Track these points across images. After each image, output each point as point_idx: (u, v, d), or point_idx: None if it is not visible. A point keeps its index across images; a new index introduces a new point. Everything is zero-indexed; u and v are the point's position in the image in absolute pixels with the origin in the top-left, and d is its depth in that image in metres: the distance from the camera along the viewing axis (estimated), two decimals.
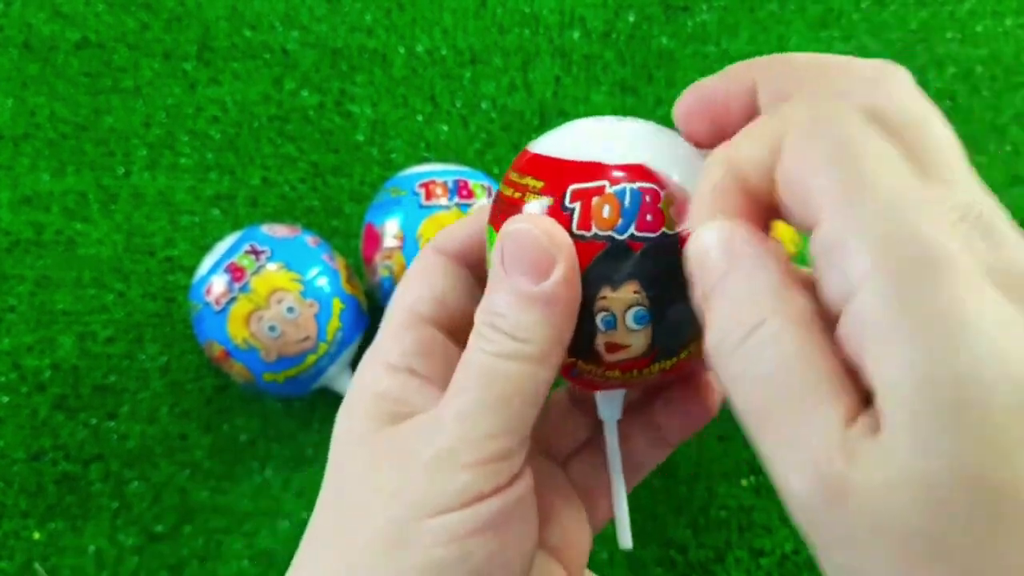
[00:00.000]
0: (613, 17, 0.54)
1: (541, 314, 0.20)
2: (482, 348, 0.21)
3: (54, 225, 0.49)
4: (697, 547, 0.44)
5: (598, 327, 0.21)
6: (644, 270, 0.20)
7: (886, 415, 0.14)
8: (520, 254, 0.20)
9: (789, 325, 0.16)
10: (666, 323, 0.21)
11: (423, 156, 0.51)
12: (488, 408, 0.20)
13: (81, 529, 0.44)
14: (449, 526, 0.19)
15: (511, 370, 0.20)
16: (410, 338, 0.23)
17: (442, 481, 0.20)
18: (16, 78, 0.52)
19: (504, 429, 0.20)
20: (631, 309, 0.21)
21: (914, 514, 0.14)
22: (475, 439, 0.20)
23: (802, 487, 0.15)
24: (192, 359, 0.47)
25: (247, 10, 0.54)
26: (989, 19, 0.54)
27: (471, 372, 0.21)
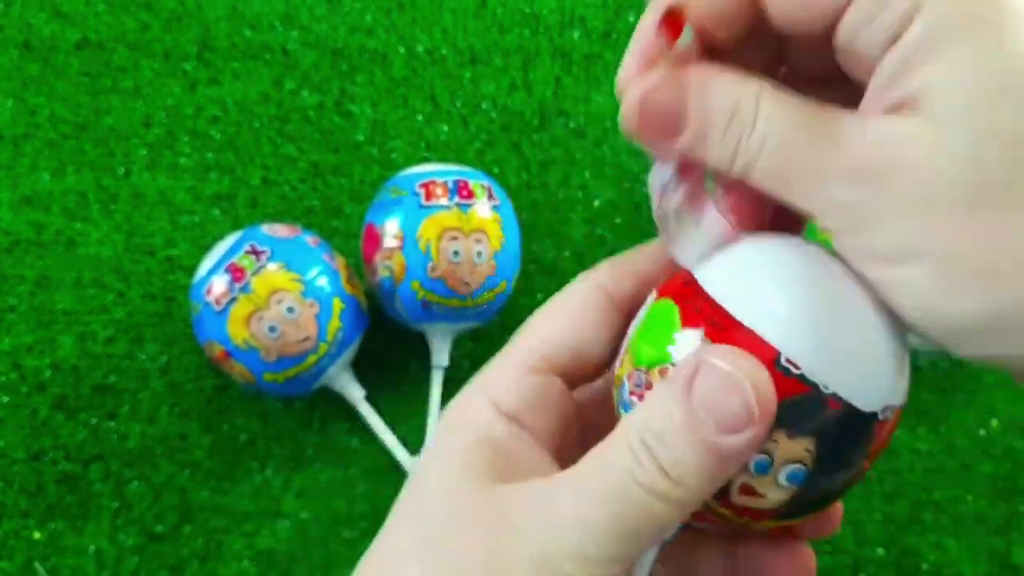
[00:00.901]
0: (613, 17, 0.54)
1: (710, 466, 0.18)
2: (628, 467, 0.18)
3: (54, 225, 0.49)
4: None
5: (748, 468, 0.19)
6: (828, 433, 0.18)
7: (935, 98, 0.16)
8: (716, 397, 0.17)
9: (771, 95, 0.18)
10: (813, 492, 0.19)
11: (423, 156, 0.51)
12: (612, 532, 0.18)
13: (81, 529, 0.44)
14: None
15: (652, 507, 0.18)
16: (530, 385, 0.21)
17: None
18: (16, 78, 0.52)
19: (620, 557, 0.18)
20: (791, 464, 0.19)
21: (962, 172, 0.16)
22: (591, 558, 0.18)
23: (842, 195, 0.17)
24: (192, 359, 0.47)
25: (247, 10, 0.54)
26: None
27: (605, 484, 0.18)
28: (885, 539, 0.43)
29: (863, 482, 0.44)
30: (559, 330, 0.22)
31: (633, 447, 0.18)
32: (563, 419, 0.22)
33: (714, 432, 0.17)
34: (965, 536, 0.43)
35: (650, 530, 0.18)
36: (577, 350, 0.22)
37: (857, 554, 0.43)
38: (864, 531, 0.43)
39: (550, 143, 0.51)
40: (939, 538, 0.43)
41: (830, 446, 0.18)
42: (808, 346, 0.18)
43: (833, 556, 0.43)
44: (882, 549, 0.43)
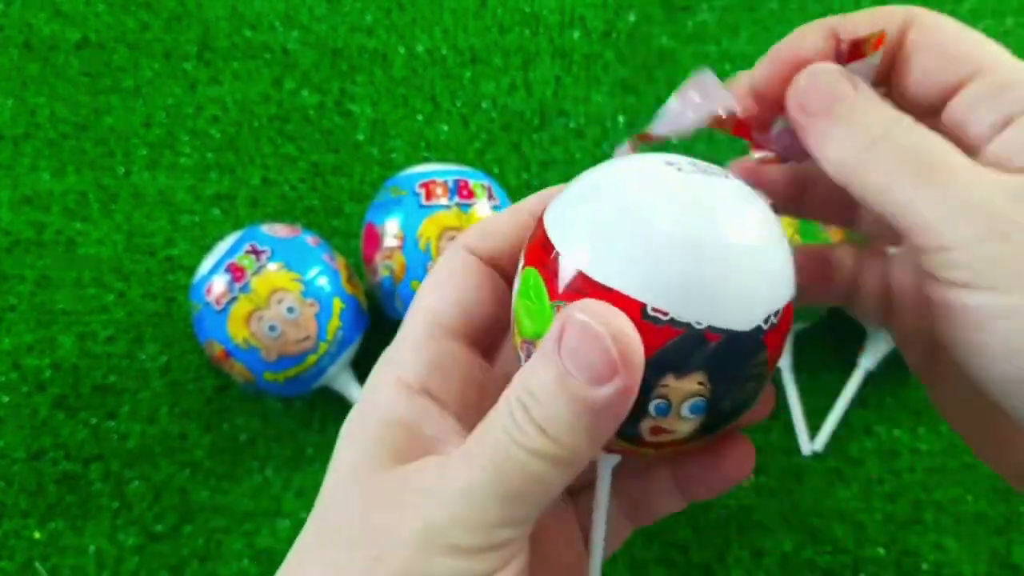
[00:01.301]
0: (613, 17, 0.54)
1: (583, 420, 0.18)
2: (507, 428, 0.18)
3: (54, 225, 0.49)
4: (698, 547, 0.44)
5: (649, 412, 0.19)
6: (716, 363, 0.19)
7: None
8: (581, 351, 0.18)
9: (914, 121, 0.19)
10: (719, 412, 0.20)
11: (423, 156, 0.51)
12: (496, 496, 0.18)
13: (81, 529, 0.44)
14: None
15: (531, 467, 0.18)
16: (430, 352, 0.21)
17: (431, 562, 0.18)
18: (16, 78, 0.52)
19: (514, 520, 0.18)
20: (689, 400, 0.19)
21: None
22: (475, 524, 0.18)
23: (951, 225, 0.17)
24: (192, 359, 0.47)
25: (247, 10, 0.54)
26: (990, 19, 0.54)
27: (486, 451, 0.18)
28: (885, 539, 0.43)
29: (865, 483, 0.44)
30: (443, 297, 0.22)
31: (511, 409, 0.18)
32: (472, 384, 0.22)
33: (584, 386, 0.18)
34: (965, 536, 0.43)
35: (534, 490, 0.18)
36: (465, 311, 0.22)
37: (857, 554, 0.43)
38: (864, 531, 0.43)
39: (550, 143, 0.51)
40: (939, 538, 0.43)
41: (722, 372, 0.19)
42: (669, 291, 0.18)
43: (833, 556, 0.43)
44: (882, 549, 0.43)
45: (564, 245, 0.20)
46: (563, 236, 0.20)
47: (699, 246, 0.18)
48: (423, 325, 0.22)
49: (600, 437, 0.18)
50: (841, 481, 0.44)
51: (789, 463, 0.45)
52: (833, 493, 0.44)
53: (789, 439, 0.45)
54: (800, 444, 0.44)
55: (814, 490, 0.44)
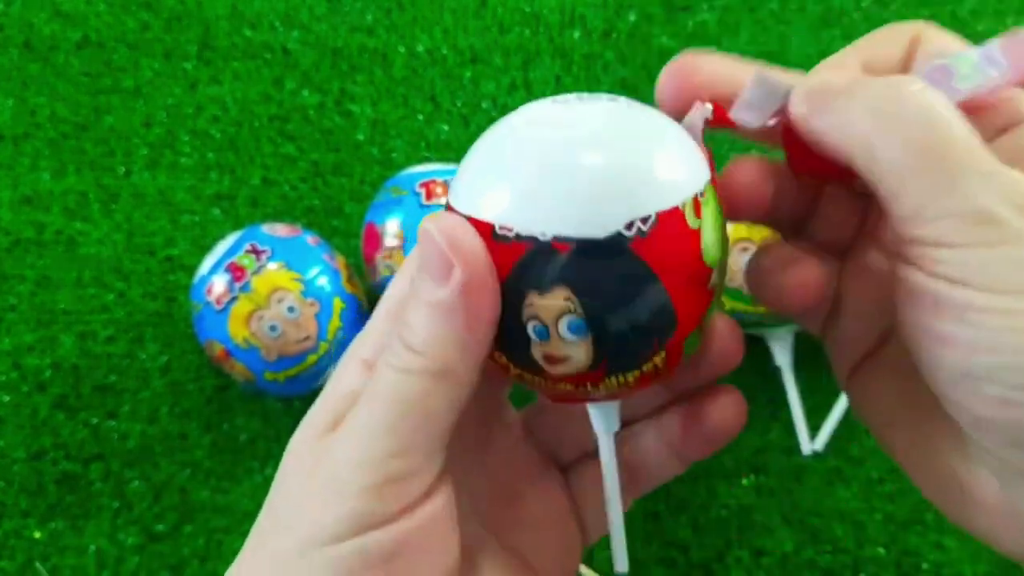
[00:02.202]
0: (614, 16, 0.54)
1: (441, 325, 0.18)
2: (387, 360, 0.19)
3: (54, 225, 0.49)
4: (698, 546, 0.44)
5: (531, 337, 0.19)
6: (574, 274, 0.18)
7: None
8: (426, 258, 0.18)
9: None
10: (609, 334, 0.19)
11: (424, 156, 0.51)
12: (382, 427, 0.18)
13: (82, 528, 0.44)
14: (339, 559, 0.18)
15: (408, 386, 0.18)
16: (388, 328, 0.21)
17: (334, 507, 0.18)
18: (16, 78, 0.52)
19: (403, 448, 0.18)
20: (563, 318, 0.18)
21: None
22: (367, 460, 0.18)
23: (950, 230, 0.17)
24: (192, 359, 0.47)
25: (247, 9, 0.54)
26: (990, 19, 0.54)
27: (373, 387, 0.19)
28: (885, 539, 0.43)
29: (865, 483, 0.43)
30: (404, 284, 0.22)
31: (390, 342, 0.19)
32: None
33: (430, 289, 0.18)
34: (966, 536, 0.43)
35: (423, 411, 0.18)
36: None
37: (857, 554, 0.43)
38: (864, 531, 0.43)
39: None
40: (939, 538, 0.43)
41: (586, 285, 0.18)
42: (514, 208, 0.18)
43: (833, 556, 0.43)
44: (882, 549, 0.43)
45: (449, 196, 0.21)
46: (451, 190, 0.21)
47: (543, 161, 0.18)
48: (384, 309, 0.22)
49: (467, 344, 0.18)
50: (841, 481, 0.44)
51: (789, 463, 0.45)
52: (833, 493, 0.44)
53: (789, 438, 0.45)
54: (800, 443, 0.44)
55: (814, 490, 0.44)
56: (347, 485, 0.18)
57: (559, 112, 0.20)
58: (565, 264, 0.18)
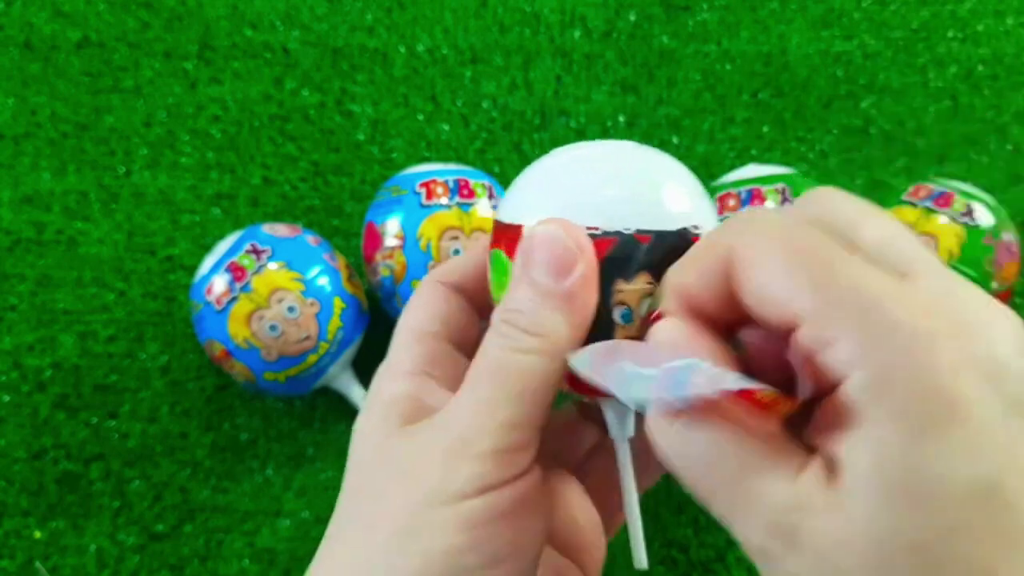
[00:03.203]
0: (614, 16, 0.54)
1: (560, 310, 0.21)
2: (498, 343, 0.21)
3: (55, 224, 0.49)
4: (698, 546, 0.44)
5: (616, 322, 0.22)
6: (655, 261, 0.21)
7: (849, 477, 0.16)
8: (543, 253, 0.21)
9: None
10: None
11: (424, 155, 0.51)
12: (504, 399, 0.20)
13: (82, 528, 0.44)
14: (463, 514, 0.20)
15: (527, 363, 0.21)
16: (421, 349, 0.24)
17: (457, 469, 0.20)
18: (17, 77, 0.52)
19: (519, 421, 0.20)
20: (644, 300, 0.22)
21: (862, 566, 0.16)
22: (491, 429, 0.20)
23: (760, 540, 0.17)
24: (193, 358, 0.47)
25: (248, 9, 0.54)
26: (990, 18, 0.54)
27: (486, 366, 0.21)
28: None
29: None
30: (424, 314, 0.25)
31: (499, 329, 0.21)
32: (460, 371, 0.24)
33: (550, 281, 0.21)
34: None
35: (532, 385, 0.21)
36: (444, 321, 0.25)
37: None
38: None
39: (551, 143, 0.51)
40: None
41: (663, 269, 0.21)
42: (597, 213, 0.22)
43: None
44: None
45: (511, 217, 0.23)
46: (510, 212, 0.24)
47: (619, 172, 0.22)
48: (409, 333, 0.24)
49: (578, 326, 0.21)
50: None
51: None
52: None
53: None
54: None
55: None
56: (471, 449, 0.20)
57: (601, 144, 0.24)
58: (647, 252, 0.21)
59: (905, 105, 0.52)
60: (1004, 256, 0.42)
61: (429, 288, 0.25)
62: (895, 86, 0.53)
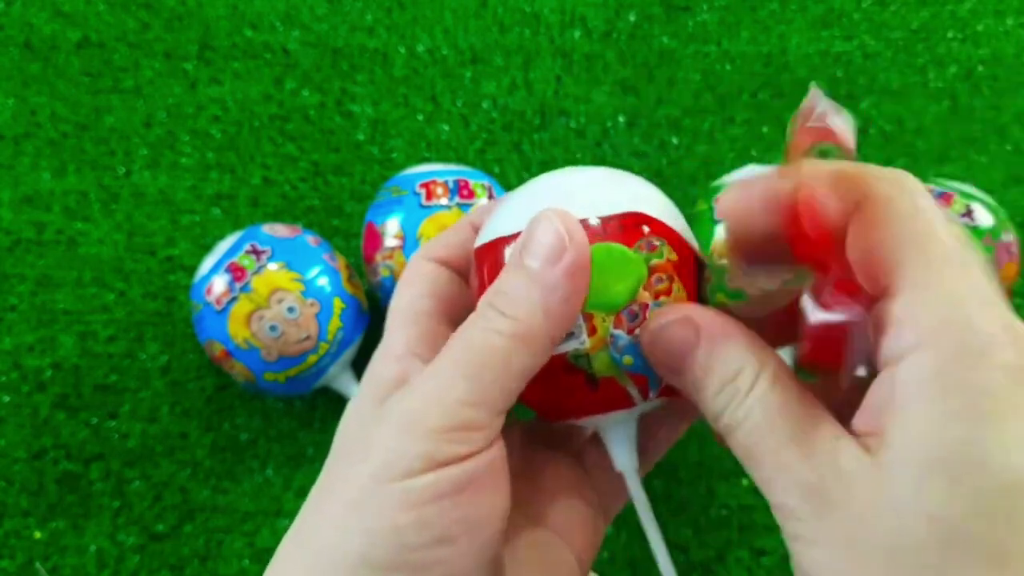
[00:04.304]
0: (614, 16, 0.54)
1: (538, 295, 0.21)
2: (473, 323, 0.21)
3: (55, 224, 0.49)
4: (698, 546, 0.44)
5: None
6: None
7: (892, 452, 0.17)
8: (536, 238, 0.21)
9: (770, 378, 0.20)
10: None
11: (424, 156, 0.51)
12: (462, 376, 0.20)
13: (82, 528, 0.44)
14: (410, 491, 0.19)
15: (493, 343, 0.20)
16: (413, 329, 0.24)
17: (407, 444, 0.20)
18: (17, 77, 0.52)
19: (474, 400, 0.20)
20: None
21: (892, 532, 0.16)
22: (444, 404, 0.20)
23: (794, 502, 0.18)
24: (193, 358, 0.47)
25: (248, 9, 0.54)
26: (990, 18, 0.54)
27: (456, 343, 0.21)
28: None
29: None
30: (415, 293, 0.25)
31: (480, 310, 0.21)
32: None
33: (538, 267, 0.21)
34: None
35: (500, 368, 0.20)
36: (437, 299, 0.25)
37: None
38: None
39: (551, 143, 0.51)
40: None
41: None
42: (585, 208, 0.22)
43: None
44: None
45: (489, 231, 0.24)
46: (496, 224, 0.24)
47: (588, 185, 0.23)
48: (402, 314, 0.24)
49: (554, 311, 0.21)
50: None
51: None
52: None
53: None
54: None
55: None
56: (421, 425, 0.20)
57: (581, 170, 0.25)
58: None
59: (905, 105, 0.52)
60: (1004, 257, 0.42)
61: (418, 266, 0.25)
62: (895, 86, 0.53)
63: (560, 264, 0.21)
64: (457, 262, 0.26)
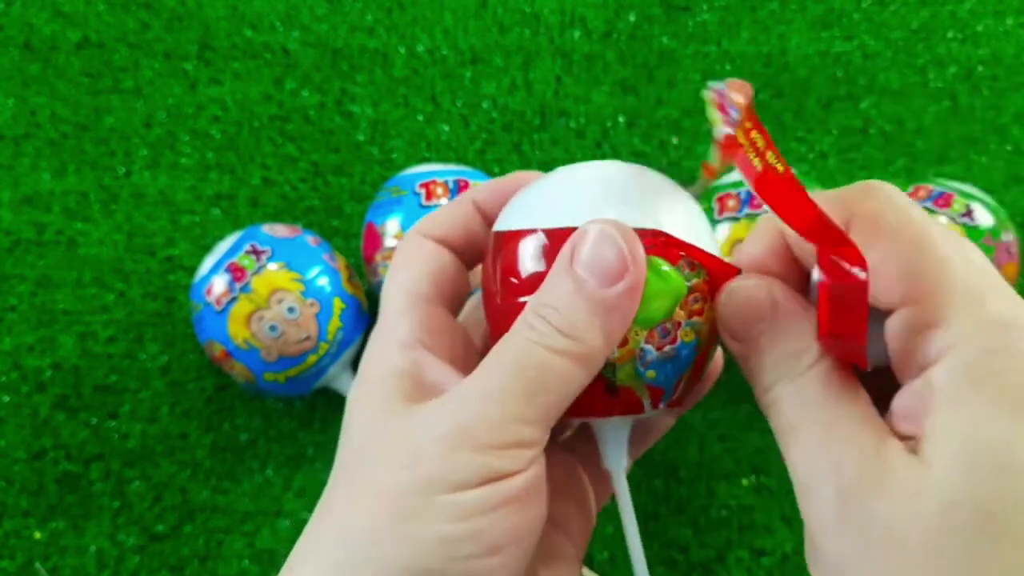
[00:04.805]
0: (614, 17, 0.54)
1: (598, 318, 0.20)
2: (526, 335, 0.20)
3: (55, 225, 0.49)
4: (698, 546, 0.44)
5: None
6: None
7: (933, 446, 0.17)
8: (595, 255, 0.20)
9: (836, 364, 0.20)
10: None
11: (424, 156, 0.51)
12: (519, 393, 0.20)
13: (82, 528, 0.44)
14: (462, 504, 0.19)
15: (552, 363, 0.20)
16: (416, 316, 0.23)
17: (460, 459, 0.19)
18: (17, 78, 0.52)
19: (531, 418, 0.20)
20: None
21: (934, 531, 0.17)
22: (499, 421, 0.20)
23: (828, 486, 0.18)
24: (193, 359, 0.47)
25: (248, 10, 0.54)
26: (990, 19, 0.54)
27: (507, 355, 0.20)
28: None
29: None
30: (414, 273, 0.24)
31: (530, 321, 0.20)
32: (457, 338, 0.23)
33: (597, 288, 0.20)
34: None
35: (554, 386, 0.20)
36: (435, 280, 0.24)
37: None
38: None
39: (551, 143, 0.51)
40: None
41: None
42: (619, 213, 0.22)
43: None
44: None
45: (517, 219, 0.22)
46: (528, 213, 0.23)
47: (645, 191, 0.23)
48: (403, 297, 0.23)
49: (614, 334, 0.20)
50: None
51: None
52: None
53: None
54: None
55: None
56: (475, 440, 0.19)
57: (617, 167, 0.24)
58: None
59: (905, 105, 0.52)
60: (1003, 257, 0.42)
61: (416, 245, 0.24)
62: (895, 86, 0.53)
63: (621, 284, 0.20)
64: (456, 242, 0.25)
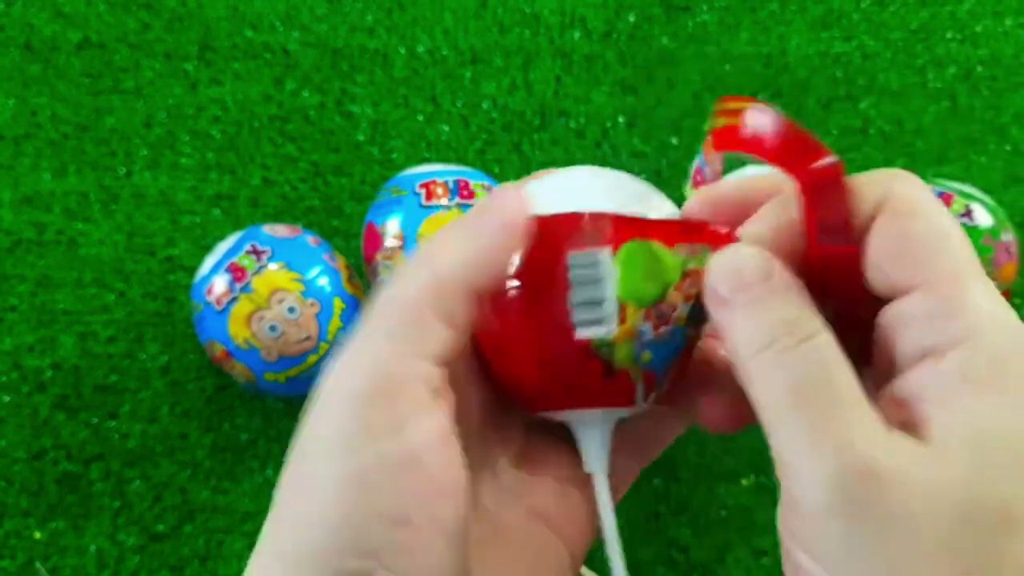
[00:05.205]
0: (614, 17, 0.54)
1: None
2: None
3: (55, 225, 0.49)
4: (698, 546, 0.44)
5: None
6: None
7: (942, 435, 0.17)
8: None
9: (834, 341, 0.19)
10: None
11: (424, 156, 0.51)
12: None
13: (82, 528, 0.44)
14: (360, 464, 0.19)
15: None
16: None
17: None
18: (18, 78, 0.52)
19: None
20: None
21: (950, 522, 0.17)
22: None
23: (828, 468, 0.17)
24: (193, 359, 0.47)
25: (248, 10, 0.54)
26: (989, 19, 0.54)
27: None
28: None
29: None
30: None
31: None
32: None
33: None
34: None
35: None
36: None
37: None
38: None
39: (550, 143, 0.51)
40: None
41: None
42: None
43: None
44: None
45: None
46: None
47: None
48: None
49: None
50: None
51: None
52: None
53: None
54: None
55: None
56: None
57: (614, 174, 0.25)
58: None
59: (904, 106, 0.52)
60: (1003, 257, 0.42)
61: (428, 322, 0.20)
62: (894, 87, 0.53)
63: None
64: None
